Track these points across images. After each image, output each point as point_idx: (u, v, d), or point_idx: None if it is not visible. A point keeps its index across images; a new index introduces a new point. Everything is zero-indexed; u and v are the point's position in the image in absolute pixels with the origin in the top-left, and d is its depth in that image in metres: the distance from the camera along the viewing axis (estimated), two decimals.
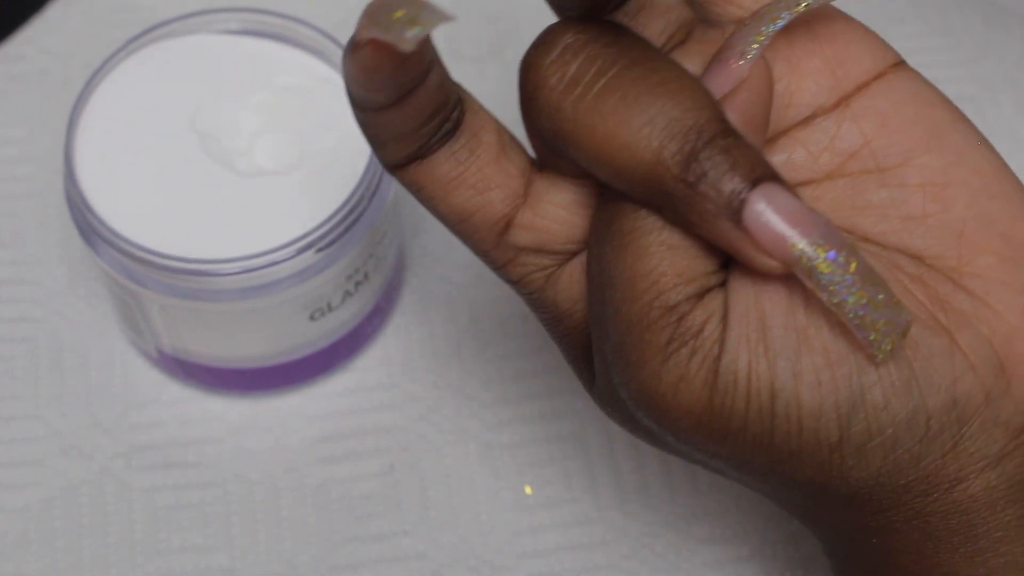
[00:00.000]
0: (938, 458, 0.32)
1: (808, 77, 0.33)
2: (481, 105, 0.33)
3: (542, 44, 0.31)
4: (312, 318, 0.45)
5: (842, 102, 0.34)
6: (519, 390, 0.49)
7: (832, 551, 0.36)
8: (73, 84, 0.53)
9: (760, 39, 0.32)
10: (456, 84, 0.33)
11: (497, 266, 0.34)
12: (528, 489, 0.48)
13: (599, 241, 0.32)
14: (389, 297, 0.49)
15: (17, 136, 0.53)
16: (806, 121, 0.34)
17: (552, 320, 0.35)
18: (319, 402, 0.49)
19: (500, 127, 0.34)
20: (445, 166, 0.33)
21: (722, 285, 0.32)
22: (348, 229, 0.43)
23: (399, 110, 0.31)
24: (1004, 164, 0.34)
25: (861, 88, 0.34)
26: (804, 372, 0.31)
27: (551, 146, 0.32)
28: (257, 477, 0.48)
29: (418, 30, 0.28)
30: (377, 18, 0.28)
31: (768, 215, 0.30)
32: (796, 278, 0.31)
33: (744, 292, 0.31)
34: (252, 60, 0.46)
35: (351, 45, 0.30)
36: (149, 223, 0.43)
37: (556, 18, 0.32)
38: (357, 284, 0.46)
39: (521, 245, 0.34)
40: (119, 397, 0.49)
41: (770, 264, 0.30)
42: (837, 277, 0.30)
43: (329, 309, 0.46)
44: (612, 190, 0.32)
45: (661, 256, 0.31)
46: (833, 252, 0.30)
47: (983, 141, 0.34)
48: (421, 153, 0.33)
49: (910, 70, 0.34)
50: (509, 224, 0.33)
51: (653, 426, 0.32)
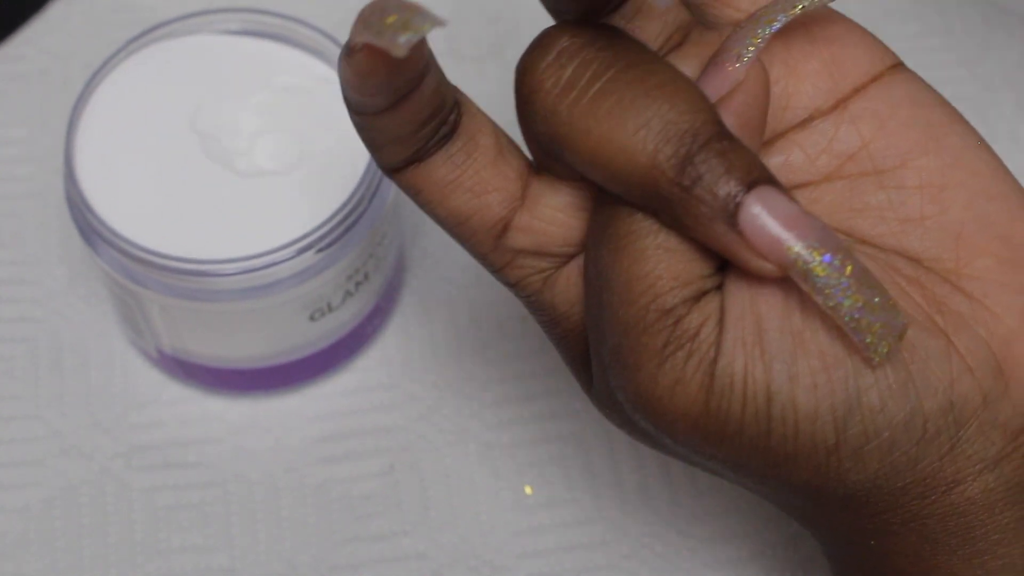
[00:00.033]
0: (935, 461, 0.32)
1: (805, 79, 0.33)
2: (478, 108, 0.33)
3: (538, 48, 0.31)
4: (312, 318, 0.45)
5: (840, 104, 0.33)
6: (519, 390, 0.49)
7: (831, 553, 0.36)
8: (73, 84, 0.53)
9: (756, 41, 0.32)
10: (453, 87, 0.33)
11: (495, 269, 0.34)
12: (528, 489, 0.48)
13: (596, 244, 0.32)
14: (389, 297, 0.49)
15: (17, 136, 0.53)
16: (804, 123, 0.34)
17: (550, 322, 0.35)
18: (319, 402, 0.49)
19: (497, 130, 0.33)
20: (442, 169, 0.33)
21: (718, 288, 0.32)
22: (348, 229, 0.43)
23: (395, 114, 0.31)
24: (1002, 165, 0.34)
25: (859, 90, 0.33)
26: (800, 375, 0.31)
27: (547, 150, 0.32)
28: (257, 477, 0.48)
29: (410, 35, 0.28)
30: (370, 23, 0.28)
31: (764, 218, 0.30)
32: (792, 281, 0.30)
33: (740, 295, 0.31)
34: (252, 60, 0.46)
35: (346, 50, 0.30)
36: (149, 223, 0.43)
37: (553, 21, 0.32)
38: (357, 284, 0.46)
39: (518, 248, 0.34)
40: (119, 397, 0.49)
41: (766, 267, 0.30)
42: (833, 280, 0.30)
43: (329, 309, 0.46)
44: (609, 193, 0.31)
45: (657, 259, 0.31)
46: (829, 255, 0.30)
47: (981, 142, 0.34)
48: (418, 156, 0.33)
49: (908, 72, 0.34)
50: (506, 227, 0.33)
51: (650, 428, 0.32)
